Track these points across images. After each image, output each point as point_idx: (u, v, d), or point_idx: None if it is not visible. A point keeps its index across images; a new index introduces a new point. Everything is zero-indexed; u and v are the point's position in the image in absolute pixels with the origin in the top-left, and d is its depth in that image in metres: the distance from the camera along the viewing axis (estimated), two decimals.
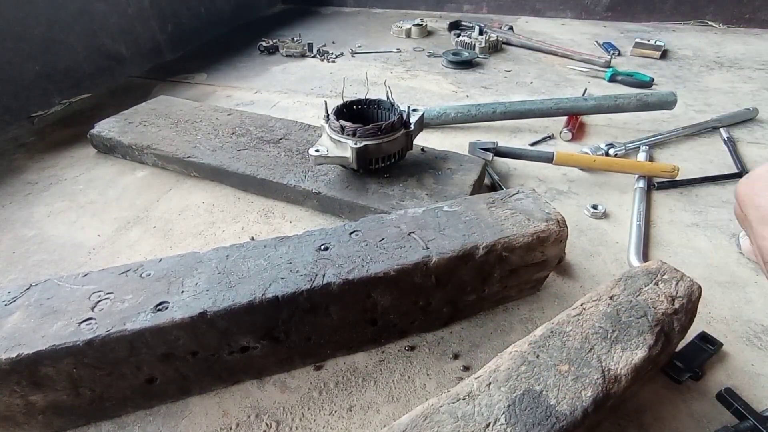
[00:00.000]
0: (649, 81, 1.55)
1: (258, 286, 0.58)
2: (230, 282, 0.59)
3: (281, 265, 0.62)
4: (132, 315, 0.55)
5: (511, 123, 1.33)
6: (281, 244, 0.66)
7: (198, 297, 0.57)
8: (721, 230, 0.92)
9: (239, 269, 0.61)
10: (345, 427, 0.60)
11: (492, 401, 0.46)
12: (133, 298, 0.57)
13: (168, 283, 0.59)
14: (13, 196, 1.07)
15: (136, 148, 1.14)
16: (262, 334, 0.60)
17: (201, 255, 0.64)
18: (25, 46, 1.38)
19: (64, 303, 0.57)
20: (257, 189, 1.03)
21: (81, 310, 0.56)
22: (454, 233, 0.66)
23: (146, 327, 0.53)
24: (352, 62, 1.88)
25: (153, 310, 0.55)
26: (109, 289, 0.59)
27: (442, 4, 2.56)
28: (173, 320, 0.54)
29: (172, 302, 0.56)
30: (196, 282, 0.59)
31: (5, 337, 0.52)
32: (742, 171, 1.07)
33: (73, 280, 0.61)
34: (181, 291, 0.58)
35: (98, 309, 0.56)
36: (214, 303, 0.56)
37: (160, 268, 0.62)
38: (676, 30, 2.14)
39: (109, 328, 0.53)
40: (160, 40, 1.90)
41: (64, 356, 0.52)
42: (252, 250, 0.65)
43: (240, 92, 1.62)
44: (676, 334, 0.54)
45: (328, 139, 0.92)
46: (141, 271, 0.62)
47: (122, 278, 0.61)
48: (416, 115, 0.97)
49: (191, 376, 0.61)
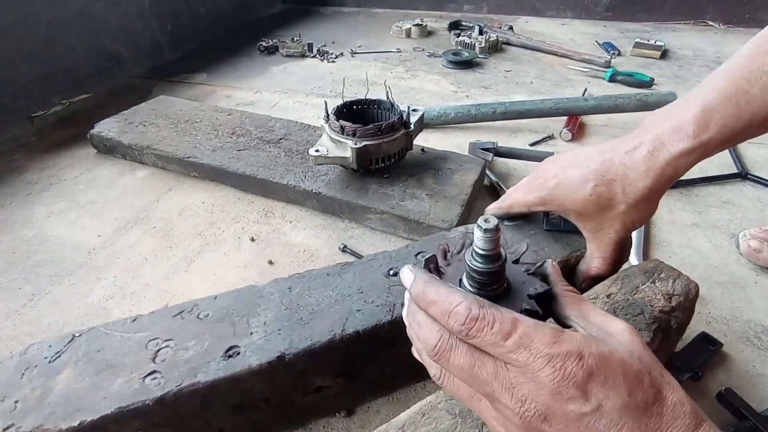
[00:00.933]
0: (649, 81, 1.55)
1: (334, 322, 0.53)
2: (302, 318, 0.54)
3: (352, 296, 0.57)
4: (201, 364, 0.49)
5: (511, 123, 1.33)
6: (345, 271, 0.61)
7: (270, 338, 0.51)
8: (721, 230, 0.92)
9: (307, 303, 0.56)
10: None
11: None
12: (197, 344, 0.51)
13: (231, 323, 0.54)
14: (13, 196, 1.07)
15: (136, 149, 1.14)
16: (339, 371, 0.56)
17: (260, 289, 0.59)
18: (25, 46, 1.38)
19: (119, 355, 0.51)
20: (257, 189, 1.03)
21: (141, 362, 0.50)
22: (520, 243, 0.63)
23: (220, 377, 0.48)
24: (352, 62, 1.88)
25: (224, 357, 0.49)
26: (166, 335, 0.52)
27: (442, 4, 2.56)
28: (249, 367, 0.49)
29: (243, 346, 0.51)
30: (264, 321, 0.54)
31: (60, 401, 0.46)
32: (743, 171, 1.07)
33: (121, 326, 0.54)
34: (250, 332, 0.52)
35: (160, 359, 0.50)
36: (291, 344, 0.51)
37: (218, 307, 0.56)
38: (676, 30, 2.14)
39: (179, 382, 0.47)
40: (160, 39, 1.90)
41: (132, 418, 0.46)
42: (314, 280, 0.60)
43: (240, 92, 1.62)
44: (673, 331, 0.54)
45: (328, 140, 0.92)
46: (197, 312, 0.56)
47: (178, 321, 0.54)
48: (416, 115, 0.97)
49: (261, 423, 0.56)
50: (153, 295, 0.80)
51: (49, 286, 0.83)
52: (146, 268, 0.86)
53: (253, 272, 0.84)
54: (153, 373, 0.48)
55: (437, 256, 0.45)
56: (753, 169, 1.08)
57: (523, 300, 0.39)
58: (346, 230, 0.94)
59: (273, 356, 0.49)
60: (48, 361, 0.50)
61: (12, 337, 0.74)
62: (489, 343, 0.28)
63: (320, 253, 0.88)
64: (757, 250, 0.82)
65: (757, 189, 1.03)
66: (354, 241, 0.91)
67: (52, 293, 0.81)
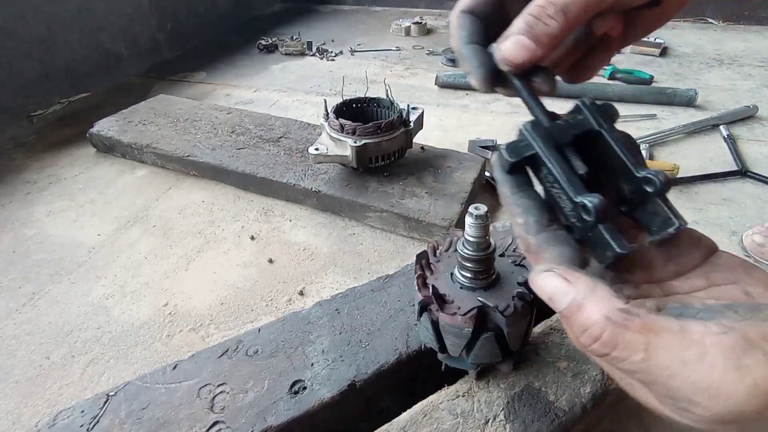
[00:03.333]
0: (649, 78, 1.55)
1: (396, 339, 0.51)
2: (361, 341, 0.51)
3: (405, 309, 0.54)
4: (268, 406, 0.45)
5: (511, 122, 1.33)
6: (389, 284, 0.59)
7: (335, 367, 0.48)
8: (722, 228, 0.92)
9: (361, 323, 0.53)
10: None
11: (491, 398, 0.46)
12: (256, 385, 0.47)
13: (287, 356, 0.50)
14: (12, 196, 1.07)
15: (136, 147, 1.14)
16: (403, 390, 0.53)
17: (305, 315, 0.55)
18: (25, 45, 1.38)
19: (170, 410, 0.45)
20: (257, 188, 1.03)
21: (199, 414, 0.44)
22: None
23: (293, 417, 0.44)
24: (351, 60, 1.88)
25: (291, 395, 0.46)
26: (217, 379, 0.48)
27: (442, 2, 2.56)
28: (322, 400, 0.45)
29: (307, 379, 0.47)
30: (321, 349, 0.51)
31: None
32: (742, 168, 1.07)
33: (162, 376, 0.49)
34: (311, 364, 0.49)
35: (219, 407, 0.45)
36: (359, 369, 0.48)
37: (266, 340, 0.52)
38: (675, 27, 2.13)
39: (249, 429, 0.43)
40: (160, 38, 1.89)
41: None
42: (360, 298, 0.57)
43: (239, 91, 1.61)
44: None
45: (328, 138, 0.92)
46: (243, 349, 0.51)
47: (225, 362, 0.49)
48: (416, 113, 0.97)
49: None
50: (153, 294, 0.80)
51: (49, 285, 0.83)
52: (146, 267, 0.86)
53: (253, 271, 0.85)
54: (216, 424, 0.43)
55: (428, 252, 0.47)
56: (753, 167, 1.08)
57: (513, 287, 0.42)
58: (345, 228, 0.94)
59: (344, 385, 0.46)
60: (87, 429, 0.44)
61: (12, 336, 0.74)
62: None
63: (320, 251, 0.88)
64: (761, 245, 0.82)
65: (757, 186, 1.03)
66: (354, 240, 0.91)
67: (52, 292, 0.82)
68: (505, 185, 0.28)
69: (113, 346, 0.72)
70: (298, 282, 0.82)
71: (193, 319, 0.76)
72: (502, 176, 0.28)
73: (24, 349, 0.72)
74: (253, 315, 0.77)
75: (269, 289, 0.81)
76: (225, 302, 0.79)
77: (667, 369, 0.20)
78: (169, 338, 0.73)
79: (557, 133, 0.27)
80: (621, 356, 0.21)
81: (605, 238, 0.24)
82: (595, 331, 0.22)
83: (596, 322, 0.22)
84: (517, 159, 0.26)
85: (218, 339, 0.71)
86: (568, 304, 0.23)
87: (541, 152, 0.26)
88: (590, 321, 0.22)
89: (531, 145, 0.27)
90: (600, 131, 0.26)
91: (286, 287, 0.81)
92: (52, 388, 0.66)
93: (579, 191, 0.25)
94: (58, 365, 0.69)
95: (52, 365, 0.69)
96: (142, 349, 0.71)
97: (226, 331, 0.74)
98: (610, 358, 0.22)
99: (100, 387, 0.66)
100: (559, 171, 0.26)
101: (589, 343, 0.22)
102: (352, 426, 0.51)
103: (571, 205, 0.25)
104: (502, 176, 0.28)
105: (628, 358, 0.21)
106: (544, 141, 0.26)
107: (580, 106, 0.27)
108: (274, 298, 0.79)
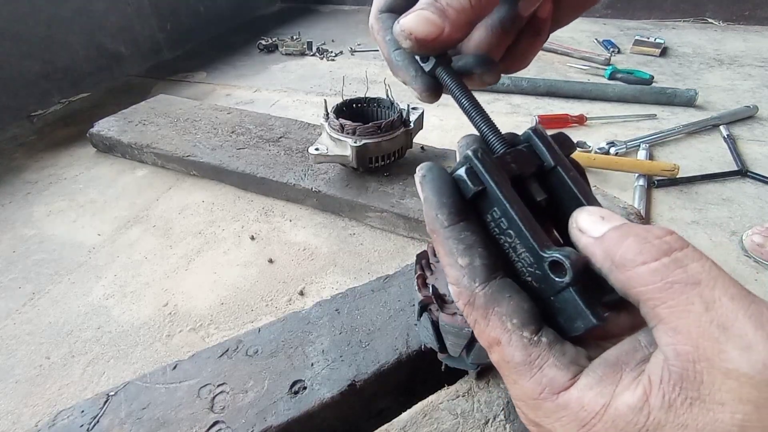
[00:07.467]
0: (649, 78, 1.55)
1: (396, 339, 0.51)
2: (361, 341, 0.51)
3: (405, 309, 0.54)
4: (268, 406, 0.45)
5: (511, 121, 1.33)
6: (389, 284, 0.59)
7: (335, 367, 0.49)
8: (721, 228, 0.92)
9: (361, 323, 0.53)
10: None
11: (491, 398, 0.46)
12: (256, 385, 0.47)
13: (287, 356, 0.50)
14: (12, 196, 1.07)
15: (136, 147, 1.14)
16: (403, 390, 0.53)
17: (305, 315, 0.55)
18: (25, 45, 1.38)
19: (170, 409, 0.45)
20: (257, 188, 1.03)
21: (199, 414, 0.44)
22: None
23: (293, 417, 0.44)
24: (351, 60, 1.88)
25: (291, 394, 0.46)
26: (217, 378, 0.48)
27: None
28: (321, 400, 0.45)
29: (307, 379, 0.48)
30: (321, 349, 0.51)
31: None
32: (742, 168, 1.07)
33: (161, 376, 0.49)
34: (311, 363, 0.49)
35: (219, 407, 0.45)
36: (359, 369, 0.48)
37: (266, 340, 0.52)
38: (675, 27, 2.13)
39: (249, 429, 0.43)
40: (160, 38, 1.89)
41: None
42: (360, 298, 0.57)
43: (239, 91, 1.61)
44: None
45: (328, 138, 0.92)
46: (243, 349, 0.51)
47: (225, 362, 0.50)
48: (416, 113, 0.97)
49: None
50: (153, 294, 0.80)
51: (49, 285, 0.83)
52: (146, 267, 0.86)
53: (253, 270, 0.85)
54: (216, 424, 0.43)
55: (428, 252, 0.47)
56: (753, 167, 1.08)
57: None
58: (346, 228, 0.94)
59: (344, 385, 0.46)
60: (87, 429, 0.44)
61: (12, 336, 0.74)
62: None
63: (320, 251, 0.88)
64: (761, 245, 0.82)
65: (757, 186, 1.03)
66: (354, 240, 0.91)
67: (52, 292, 0.82)
68: (441, 210, 0.21)
69: (113, 346, 0.72)
70: (298, 282, 0.82)
71: (193, 319, 0.76)
72: (440, 199, 0.21)
73: (24, 349, 0.72)
74: (253, 315, 0.77)
75: (269, 289, 0.81)
76: (225, 302, 0.79)
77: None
78: (169, 338, 0.73)
79: (515, 166, 0.21)
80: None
81: (578, 304, 0.19)
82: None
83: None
84: (474, 191, 0.21)
85: (218, 339, 0.71)
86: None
87: (496, 190, 0.20)
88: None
89: (479, 177, 0.21)
90: (556, 167, 0.22)
91: (286, 287, 0.81)
92: (52, 388, 0.66)
93: (545, 243, 0.20)
94: (58, 365, 0.69)
95: (52, 365, 0.69)
96: (142, 349, 0.71)
97: (226, 331, 0.74)
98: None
99: (100, 387, 0.66)
100: (519, 217, 0.20)
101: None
102: (352, 426, 0.51)
103: (531, 260, 0.20)
104: (438, 198, 0.22)
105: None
106: (498, 175, 0.21)
107: (531, 135, 0.23)
108: (274, 298, 0.79)
